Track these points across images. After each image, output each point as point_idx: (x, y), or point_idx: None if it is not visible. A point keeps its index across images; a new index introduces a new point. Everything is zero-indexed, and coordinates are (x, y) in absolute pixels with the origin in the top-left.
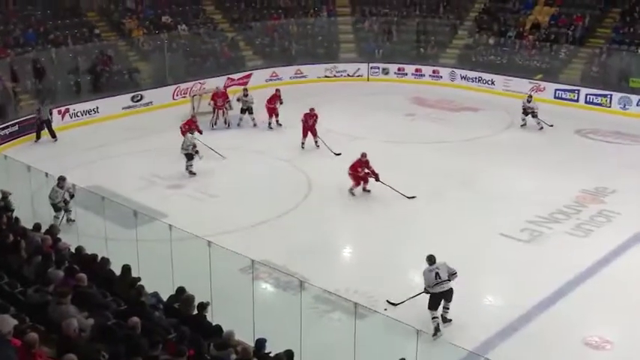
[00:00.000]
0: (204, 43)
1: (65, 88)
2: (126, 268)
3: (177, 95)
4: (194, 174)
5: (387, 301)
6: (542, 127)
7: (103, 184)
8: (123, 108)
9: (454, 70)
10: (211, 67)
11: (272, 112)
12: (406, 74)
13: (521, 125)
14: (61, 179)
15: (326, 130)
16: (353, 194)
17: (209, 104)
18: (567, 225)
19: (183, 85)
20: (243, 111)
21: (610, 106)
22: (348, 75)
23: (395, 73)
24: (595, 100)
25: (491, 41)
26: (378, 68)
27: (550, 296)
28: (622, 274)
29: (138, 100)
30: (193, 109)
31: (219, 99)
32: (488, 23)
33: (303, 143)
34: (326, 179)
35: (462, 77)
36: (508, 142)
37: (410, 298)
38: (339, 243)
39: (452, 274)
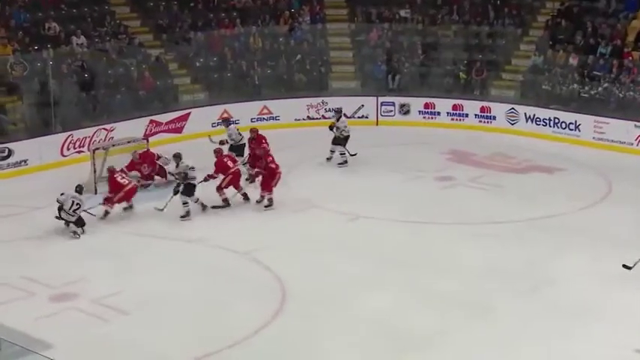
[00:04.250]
0: (112, 64)
1: None
2: None
3: (68, 149)
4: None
5: (624, 265)
6: (346, 162)
7: None
8: None
9: (515, 107)
10: (124, 103)
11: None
12: (438, 114)
13: (328, 158)
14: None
15: (307, 202)
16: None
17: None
18: None
19: (78, 134)
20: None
21: None
22: (345, 115)
23: (420, 112)
24: None
25: (572, 61)
26: (393, 105)
27: None
28: None
29: (4, 158)
30: (95, 171)
31: (145, 164)
32: (567, 33)
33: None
34: (310, 282)
35: (528, 118)
36: (602, 223)
37: None
38: None
39: None
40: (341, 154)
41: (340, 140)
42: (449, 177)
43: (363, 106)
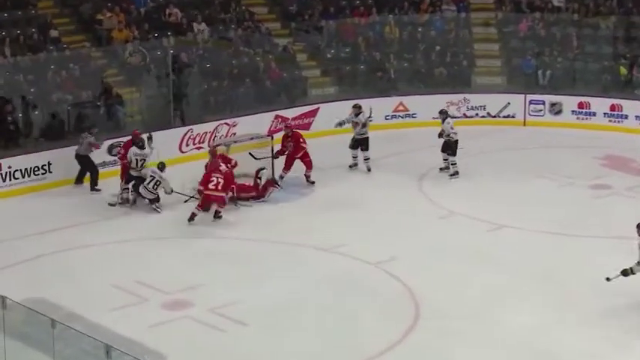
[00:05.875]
0: (237, 54)
1: None
2: None
3: (187, 145)
4: None
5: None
6: (458, 172)
7: (52, 296)
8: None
9: None
10: (248, 96)
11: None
12: (594, 115)
13: (441, 168)
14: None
15: (444, 209)
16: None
17: None
18: None
19: (198, 128)
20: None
21: None
22: (489, 114)
23: (573, 112)
24: None
25: None
26: (543, 103)
27: None
28: None
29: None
30: None
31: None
32: None
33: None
34: (446, 295)
35: None
36: None
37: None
38: None
39: None
40: (452, 164)
41: (451, 146)
42: (604, 185)
43: (509, 104)
